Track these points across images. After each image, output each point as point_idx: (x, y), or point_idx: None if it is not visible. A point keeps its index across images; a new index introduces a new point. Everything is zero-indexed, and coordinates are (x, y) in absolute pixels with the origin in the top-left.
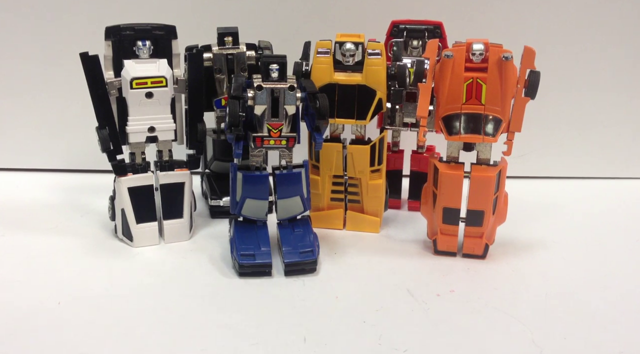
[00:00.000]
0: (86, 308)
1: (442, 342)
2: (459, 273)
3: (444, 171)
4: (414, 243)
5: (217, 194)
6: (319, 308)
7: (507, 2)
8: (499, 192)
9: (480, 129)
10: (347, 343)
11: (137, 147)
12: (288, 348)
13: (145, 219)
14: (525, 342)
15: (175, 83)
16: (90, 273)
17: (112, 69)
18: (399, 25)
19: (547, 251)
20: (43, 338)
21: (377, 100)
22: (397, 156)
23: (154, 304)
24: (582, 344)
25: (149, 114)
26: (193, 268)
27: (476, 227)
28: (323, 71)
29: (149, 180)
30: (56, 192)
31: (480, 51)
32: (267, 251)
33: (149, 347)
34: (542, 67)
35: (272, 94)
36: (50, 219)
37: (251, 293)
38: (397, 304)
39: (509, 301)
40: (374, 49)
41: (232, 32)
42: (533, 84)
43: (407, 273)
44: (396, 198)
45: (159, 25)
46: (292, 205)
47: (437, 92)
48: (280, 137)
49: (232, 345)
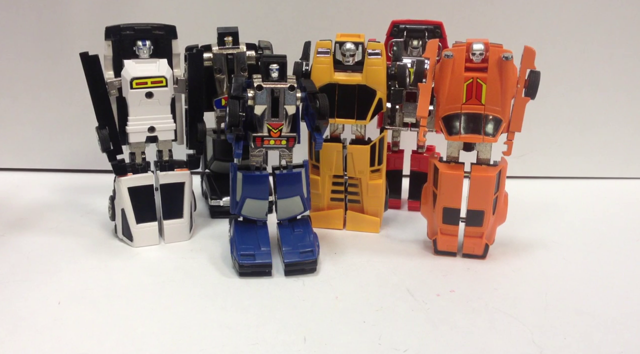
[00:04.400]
0: (86, 308)
1: (442, 342)
2: (459, 272)
3: (444, 171)
4: (414, 243)
5: (217, 194)
6: (319, 308)
7: (507, 2)
8: (499, 192)
9: (480, 129)
10: (347, 343)
11: (137, 147)
12: (288, 348)
13: (145, 219)
14: (525, 342)
15: (176, 83)
16: (90, 273)
17: (112, 69)
18: (399, 25)
19: (547, 251)
20: (43, 338)
21: (377, 100)
22: (397, 156)
23: (154, 304)
24: (582, 344)
25: (149, 114)
26: (193, 268)
27: (476, 227)
28: (323, 71)
29: (149, 180)
30: (56, 192)
31: (480, 51)
32: (267, 251)
33: (149, 347)
34: (542, 67)
35: (272, 94)
36: (50, 219)
37: (251, 293)
38: (397, 304)
39: (509, 301)
40: (374, 49)
41: (232, 32)
42: (533, 84)
43: (407, 273)
44: (396, 198)
45: (159, 25)
46: (292, 205)
47: (437, 92)
48: (280, 137)
49: (232, 345)
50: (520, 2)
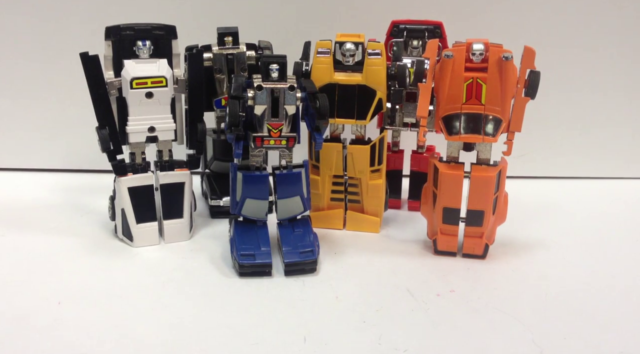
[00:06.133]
0: (86, 308)
1: (442, 342)
2: (459, 272)
3: (444, 171)
4: (414, 243)
5: (217, 194)
6: (319, 308)
7: (507, 2)
8: (499, 192)
9: (480, 129)
10: (347, 343)
11: (137, 147)
12: (288, 348)
13: (145, 219)
14: (525, 342)
15: (176, 83)
16: (90, 273)
17: (112, 69)
18: (399, 25)
19: (547, 251)
20: (43, 338)
21: (377, 100)
22: (397, 156)
23: (154, 304)
24: (582, 344)
25: (149, 114)
26: (193, 268)
27: (476, 227)
28: (323, 71)
29: (149, 180)
30: (56, 192)
31: (480, 51)
32: (267, 251)
33: (148, 347)
34: (542, 67)
35: (272, 94)
36: (50, 219)
37: (251, 292)
38: (397, 304)
39: (509, 301)
40: (374, 49)
41: (232, 32)
42: (533, 84)
43: (407, 273)
44: (396, 198)
45: (159, 25)
46: (292, 205)
47: (437, 92)
48: (280, 137)
49: (232, 345)
50: (520, 2)
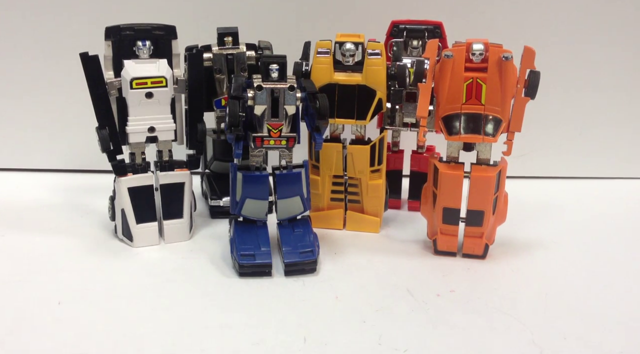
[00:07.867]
0: (86, 308)
1: (442, 342)
2: (459, 272)
3: (444, 171)
4: (414, 243)
5: (217, 194)
6: (319, 308)
7: (507, 2)
8: (499, 192)
9: (480, 129)
10: (347, 343)
11: (137, 147)
12: (288, 348)
13: (145, 219)
14: (525, 342)
15: (175, 83)
16: (90, 273)
17: (112, 69)
18: (399, 25)
19: (547, 251)
20: (43, 338)
21: (377, 100)
22: (397, 156)
23: (154, 304)
24: (582, 344)
25: (149, 114)
26: (193, 268)
27: (476, 227)
28: (323, 71)
29: (149, 180)
30: (56, 192)
31: (480, 51)
32: (267, 251)
33: (149, 347)
34: (542, 67)
35: (272, 94)
36: (50, 219)
37: (251, 292)
38: (397, 304)
39: (509, 301)
40: (374, 49)
41: (232, 32)
42: (533, 84)
43: (407, 273)
44: (396, 198)
45: (159, 25)
46: (292, 205)
47: (437, 92)
48: (280, 137)
49: (232, 345)
50: (520, 2)
